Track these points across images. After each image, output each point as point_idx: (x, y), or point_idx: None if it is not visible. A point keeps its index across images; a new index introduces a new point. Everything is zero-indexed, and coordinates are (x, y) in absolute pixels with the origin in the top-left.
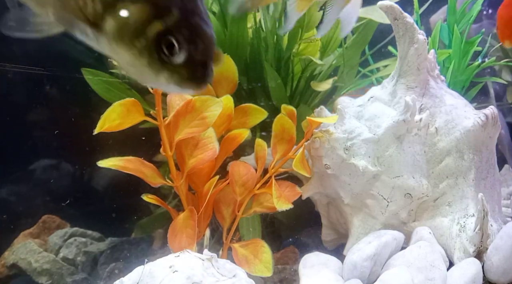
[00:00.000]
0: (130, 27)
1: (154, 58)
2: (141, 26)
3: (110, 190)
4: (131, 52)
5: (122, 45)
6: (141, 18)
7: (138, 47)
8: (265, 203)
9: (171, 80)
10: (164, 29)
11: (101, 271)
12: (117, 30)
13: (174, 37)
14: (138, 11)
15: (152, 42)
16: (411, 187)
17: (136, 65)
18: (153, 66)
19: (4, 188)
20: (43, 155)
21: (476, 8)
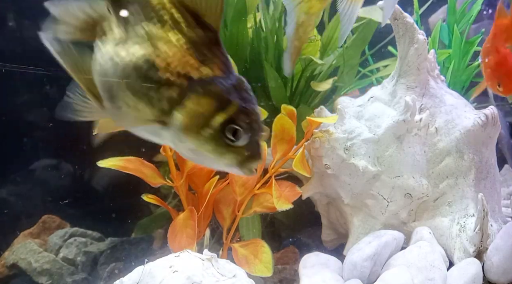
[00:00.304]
0: (197, 120)
1: (219, 144)
2: (207, 118)
3: (110, 190)
4: (197, 141)
5: (188, 137)
6: (207, 112)
7: (205, 136)
8: (265, 203)
9: (234, 161)
10: (227, 119)
11: (101, 271)
12: (184, 124)
13: (237, 124)
14: (204, 106)
15: (217, 131)
16: (411, 187)
17: (200, 153)
18: (218, 151)
19: (4, 188)
20: (43, 155)
21: (476, 8)
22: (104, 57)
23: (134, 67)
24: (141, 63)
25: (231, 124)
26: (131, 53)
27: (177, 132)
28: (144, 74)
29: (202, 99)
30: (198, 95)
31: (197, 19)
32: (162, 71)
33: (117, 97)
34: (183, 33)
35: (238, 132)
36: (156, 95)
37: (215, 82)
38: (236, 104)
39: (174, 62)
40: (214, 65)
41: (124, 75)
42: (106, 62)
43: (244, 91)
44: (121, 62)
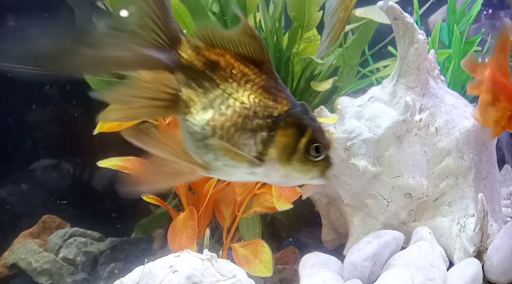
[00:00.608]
0: (287, 150)
1: (307, 163)
2: (294, 145)
3: (110, 190)
4: (290, 167)
5: (282, 166)
6: (293, 140)
7: (295, 160)
8: (265, 203)
9: (318, 173)
10: (309, 140)
11: (101, 271)
12: (278, 156)
13: (318, 142)
14: (290, 136)
15: (303, 153)
16: (411, 187)
17: (291, 175)
18: (306, 169)
19: (4, 188)
20: (43, 155)
21: (475, 8)
22: (198, 126)
23: (230, 125)
24: (235, 119)
25: (313, 143)
26: (223, 114)
27: (273, 165)
28: (240, 128)
29: (286, 131)
30: (283, 129)
31: (255, 64)
32: (252, 119)
33: (219, 156)
34: (254, 82)
35: (319, 148)
36: (252, 142)
37: (291, 113)
38: (310, 126)
39: (258, 109)
40: (284, 99)
41: (223, 135)
42: (202, 129)
43: (309, 113)
44: (217, 125)
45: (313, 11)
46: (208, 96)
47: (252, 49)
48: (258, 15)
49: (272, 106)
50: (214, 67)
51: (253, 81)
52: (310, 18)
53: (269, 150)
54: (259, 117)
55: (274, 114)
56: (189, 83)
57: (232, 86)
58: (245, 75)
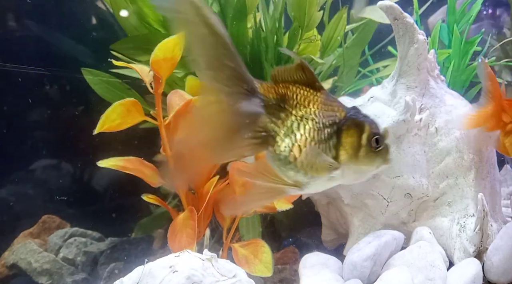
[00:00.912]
0: (355, 148)
1: (371, 155)
2: (359, 142)
3: (110, 190)
4: (359, 162)
5: (353, 163)
6: (357, 138)
7: (362, 155)
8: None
9: (381, 161)
10: (369, 134)
11: (101, 271)
12: (349, 155)
13: (376, 134)
14: (354, 135)
15: (367, 146)
16: (411, 187)
17: (361, 170)
18: (372, 161)
19: (4, 188)
20: (43, 155)
21: (475, 8)
22: (285, 152)
23: (310, 141)
24: (312, 135)
25: (372, 136)
26: (301, 134)
27: (345, 164)
28: (317, 141)
29: (349, 132)
30: (346, 131)
31: (309, 86)
32: (323, 130)
33: (307, 172)
34: (314, 101)
35: (378, 139)
36: (328, 149)
37: (348, 117)
38: (366, 121)
39: (324, 120)
40: (339, 107)
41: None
42: (289, 153)
43: (362, 112)
44: (300, 145)
45: (313, 11)
46: (286, 124)
47: (305, 76)
48: (258, 15)
49: (333, 115)
50: (283, 99)
51: (314, 100)
52: (310, 18)
53: (340, 153)
54: (327, 126)
55: (337, 121)
56: (271, 118)
57: (300, 109)
58: (307, 97)
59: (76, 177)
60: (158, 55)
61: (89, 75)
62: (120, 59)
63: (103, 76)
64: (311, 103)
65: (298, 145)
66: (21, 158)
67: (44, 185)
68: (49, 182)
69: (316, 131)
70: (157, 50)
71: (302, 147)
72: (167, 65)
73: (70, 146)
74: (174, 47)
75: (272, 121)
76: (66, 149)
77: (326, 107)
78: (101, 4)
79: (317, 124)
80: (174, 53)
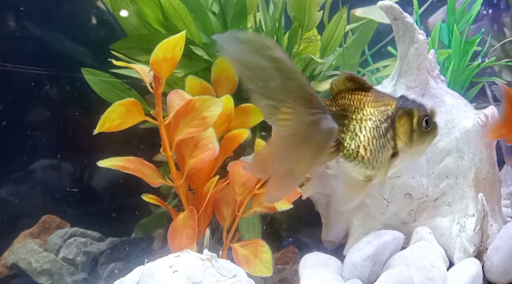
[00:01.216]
0: (409, 134)
1: (424, 136)
2: (411, 127)
3: (110, 190)
4: (415, 146)
5: (410, 148)
6: (409, 125)
7: (416, 139)
8: (265, 203)
9: (432, 138)
10: (419, 117)
11: (101, 271)
12: (406, 142)
13: (426, 115)
14: (406, 122)
15: (419, 129)
16: (411, 187)
17: (417, 152)
18: (426, 141)
19: (4, 188)
20: (43, 155)
21: (475, 8)
22: (353, 155)
23: (372, 140)
24: (373, 134)
25: (422, 119)
26: (364, 135)
27: (403, 151)
28: (378, 137)
29: (402, 120)
30: (399, 120)
31: (359, 88)
32: (380, 126)
33: (375, 167)
34: (367, 100)
35: (428, 119)
36: (387, 142)
37: (398, 107)
38: (413, 107)
39: (380, 116)
40: (388, 99)
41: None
42: (357, 155)
43: (408, 99)
44: (364, 145)
45: (313, 11)
46: (350, 129)
47: (355, 83)
48: (258, 15)
49: (386, 110)
50: (344, 108)
51: (367, 101)
52: (310, 18)
53: (398, 142)
54: (382, 122)
55: (390, 114)
56: (339, 128)
57: (358, 112)
58: (361, 100)
59: (76, 177)
60: (158, 55)
61: (89, 75)
62: (120, 59)
63: (103, 76)
64: (366, 104)
65: (363, 146)
66: (21, 158)
67: (44, 185)
68: (49, 182)
69: (374, 128)
70: (157, 50)
71: (366, 146)
72: (167, 65)
73: (70, 146)
74: (174, 47)
75: (340, 130)
76: (66, 149)
77: (378, 104)
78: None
79: (374, 122)
80: (174, 53)
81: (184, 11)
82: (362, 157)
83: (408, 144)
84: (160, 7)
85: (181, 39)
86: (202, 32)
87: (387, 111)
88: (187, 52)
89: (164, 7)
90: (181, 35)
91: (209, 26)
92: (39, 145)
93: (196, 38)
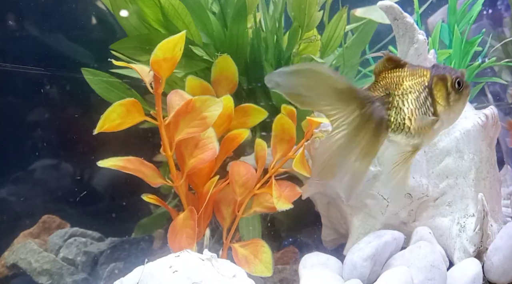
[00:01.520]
0: (446, 97)
1: (458, 97)
2: (447, 91)
3: (110, 190)
4: (453, 107)
5: (448, 111)
6: (444, 88)
7: (453, 100)
8: (265, 203)
9: (467, 97)
10: (452, 81)
11: (101, 271)
12: (445, 105)
13: (458, 77)
14: (442, 88)
15: (453, 91)
16: (411, 187)
17: (455, 110)
18: (459, 100)
19: (4, 188)
20: (43, 155)
21: (476, 8)
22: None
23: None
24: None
25: (455, 81)
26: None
27: (442, 114)
28: (420, 106)
29: (437, 87)
30: (435, 87)
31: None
32: (420, 95)
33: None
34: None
35: (460, 81)
36: (427, 109)
37: (433, 75)
38: (445, 72)
39: (418, 87)
40: (423, 70)
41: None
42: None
43: (440, 66)
44: (409, 117)
45: (313, 11)
46: (394, 105)
47: (392, 61)
48: (258, 15)
49: (422, 80)
50: (385, 87)
51: (405, 76)
52: (310, 18)
53: (436, 107)
54: (421, 92)
55: (426, 84)
56: (385, 108)
57: (399, 88)
58: (399, 76)
59: (76, 177)
60: (158, 55)
61: (89, 75)
62: (120, 59)
63: (103, 76)
64: (404, 79)
65: (408, 117)
66: (21, 158)
67: (44, 185)
68: (49, 182)
69: (415, 99)
70: (157, 50)
71: (410, 117)
72: (167, 65)
73: (70, 146)
74: (174, 47)
75: (386, 109)
76: (66, 149)
77: (415, 76)
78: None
79: (414, 94)
80: (174, 53)
81: (184, 11)
82: (409, 128)
83: (446, 107)
84: (160, 7)
85: (181, 39)
86: (202, 32)
87: (423, 81)
88: (187, 52)
89: (164, 7)
90: (181, 35)
91: (209, 26)
92: (39, 145)
93: (196, 38)
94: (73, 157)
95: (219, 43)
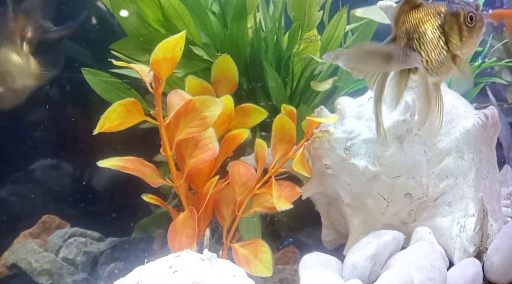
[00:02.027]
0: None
1: (471, 30)
2: (459, 25)
3: (110, 190)
4: (465, 40)
5: (461, 42)
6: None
7: (465, 33)
8: (265, 203)
9: (480, 30)
10: (463, 17)
11: (101, 271)
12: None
13: (471, 12)
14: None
15: (466, 26)
16: (411, 187)
17: (469, 43)
18: (472, 33)
19: (4, 188)
20: (43, 155)
21: None
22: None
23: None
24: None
25: (467, 16)
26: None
27: (458, 45)
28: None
29: (450, 23)
30: (448, 25)
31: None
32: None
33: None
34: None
35: (472, 16)
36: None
37: (445, 13)
38: (459, 9)
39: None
40: (437, 8)
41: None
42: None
43: (455, 3)
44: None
45: (313, 11)
46: (416, 48)
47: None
48: (258, 15)
49: (437, 19)
50: (406, 30)
51: (420, 17)
52: (310, 18)
53: (451, 44)
54: (436, 29)
55: (440, 23)
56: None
57: (417, 31)
58: (415, 18)
59: (76, 177)
60: (158, 55)
61: (89, 75)
62: (120, 59)
63: (103, 76)
64: (420, 21)
65: (425, 60)
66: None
67: (44, 185)
68: (49, 182)
69: (432, 39)
70: (157, 50)
71: (430, 57)
72: (167, 65)
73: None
74: (174, 47)
75: (410, 55)
76: (66, 149)
77: (429, 16)
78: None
79: (431, 34)
80: (174, 53)
81: (184, 11)
82: (431, 67)
83: (461, 43)
84: (160, 7)
85: (181, 39)
86: (202, 32)
87: (438, 19)
88: (187, 52)
89: (164, 7)
90: (181, 35)
91: (209, 26)
92: (39, 145)
93: (196, 38)
94: (73, 157)
95: (219, 43)
